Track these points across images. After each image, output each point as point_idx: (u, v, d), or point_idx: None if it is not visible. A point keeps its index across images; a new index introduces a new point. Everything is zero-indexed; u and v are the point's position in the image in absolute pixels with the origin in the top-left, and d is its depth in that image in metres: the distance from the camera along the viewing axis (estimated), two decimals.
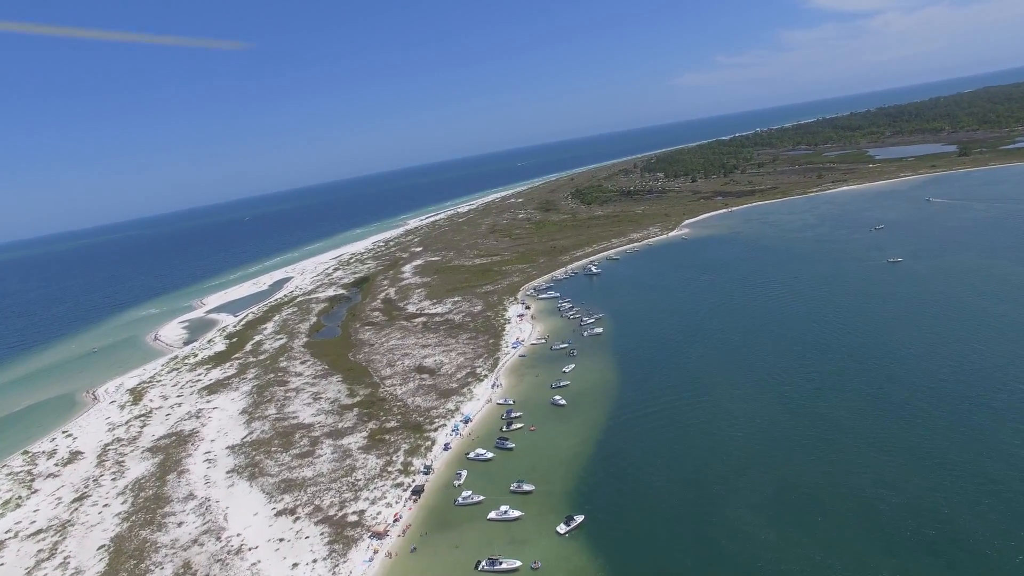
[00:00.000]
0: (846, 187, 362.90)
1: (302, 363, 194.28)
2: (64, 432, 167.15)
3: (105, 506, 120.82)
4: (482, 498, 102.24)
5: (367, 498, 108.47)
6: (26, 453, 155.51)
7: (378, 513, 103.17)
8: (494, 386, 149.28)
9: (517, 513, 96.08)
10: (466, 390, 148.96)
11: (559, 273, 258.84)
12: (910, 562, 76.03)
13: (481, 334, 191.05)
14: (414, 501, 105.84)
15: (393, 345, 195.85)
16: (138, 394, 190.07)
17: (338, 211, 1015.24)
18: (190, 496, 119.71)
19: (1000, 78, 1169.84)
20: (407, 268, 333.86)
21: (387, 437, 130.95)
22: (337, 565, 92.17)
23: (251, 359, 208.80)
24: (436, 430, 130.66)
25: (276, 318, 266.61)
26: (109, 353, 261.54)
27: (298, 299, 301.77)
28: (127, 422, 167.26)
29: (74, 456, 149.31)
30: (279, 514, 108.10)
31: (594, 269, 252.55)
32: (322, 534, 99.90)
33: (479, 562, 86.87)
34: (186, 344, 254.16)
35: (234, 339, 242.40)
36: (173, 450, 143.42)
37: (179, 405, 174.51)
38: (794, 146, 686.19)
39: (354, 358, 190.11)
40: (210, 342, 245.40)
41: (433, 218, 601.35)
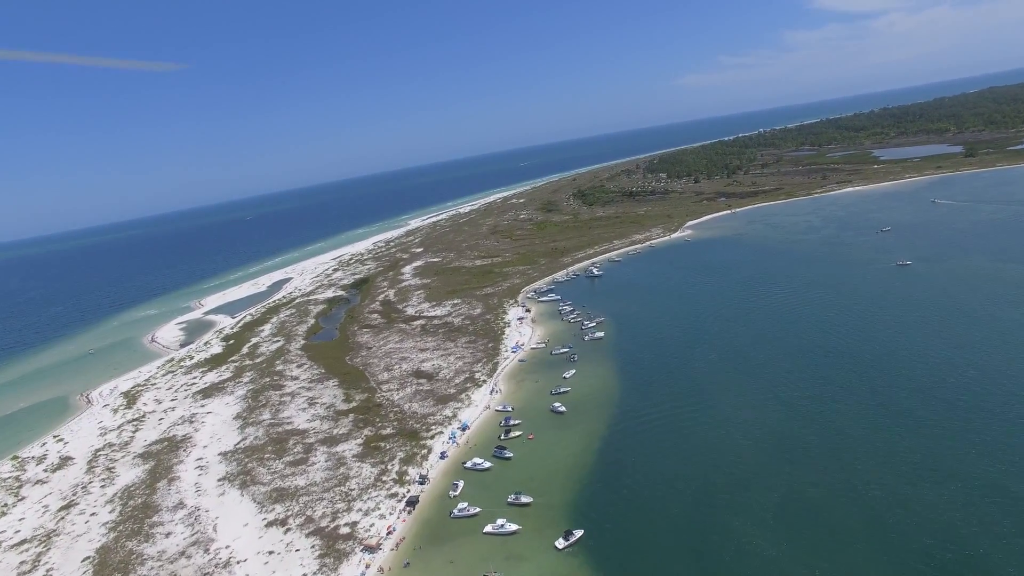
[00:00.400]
0: (851, 188, 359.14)
1: (298, 366, 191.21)
2: (55, 436, 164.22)
3: (92, 515, 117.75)
4: (478, 510, 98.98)
5: (360, 509, 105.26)
6: (16, 458, 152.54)
7: (371, 525, 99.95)
8: (493, 392, 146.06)
9: (514, 527, 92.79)
10: (464, 396, 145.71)
11: (560, 275, 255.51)
12: None
13: (480, 338, 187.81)
14: (408, 513, 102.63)
15: (391, 348, 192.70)
16: (132, 397, 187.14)
17: (339, 211, 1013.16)
18: (180, 505, 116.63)
19: (1005, 78, 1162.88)
20: (407, 269, 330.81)
21: (382, 444, 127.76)
22: None
23: (247, 362, 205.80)
24: (433, 438, 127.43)
25: (274, 320, 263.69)
26: (105, 355, 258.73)
27: (297, 300, 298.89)
28: (120, 426, 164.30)
29: (64, 462, 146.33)
30: (270, 525, 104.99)
31: (596, 271, 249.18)
32: (313, 547, 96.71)
33: None
34: (183, 346, 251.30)
35: (231, 341, 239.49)
36: (165, 456, 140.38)
37: (173, 409, 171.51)
38: (798, 147, 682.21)
39: (351, 362, 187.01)
40: (207, 344, 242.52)
41: (434, 218, 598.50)
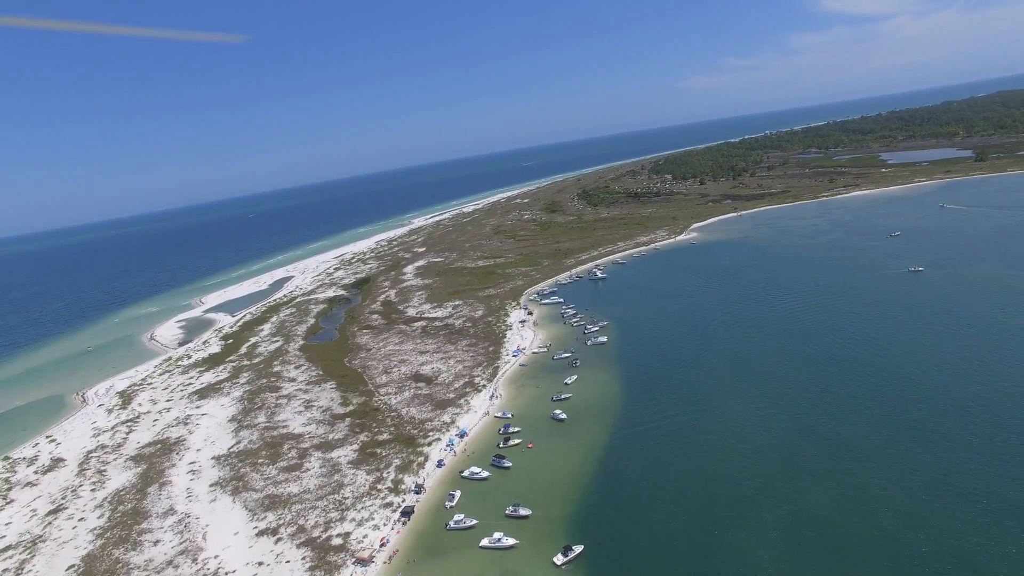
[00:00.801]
0: (858, 192, 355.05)
1: (296, 368, 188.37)
2: (48, 437, 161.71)
3: (80, 520, 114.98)
4: (475, 522, 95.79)
5: (353, 519, 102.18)
6: (7, 459, 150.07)
7: (364, 536, 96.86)
8: (492, 397, 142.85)
9: (512, 541, 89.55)
10: (463, 401, 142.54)
11: (563, 277, 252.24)
12: None
13: (481, 341, 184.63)
14: (403, 524, 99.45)
15: (390, 351, 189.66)
16: (127, 397, 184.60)
17: (343, 209, 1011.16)
18: (170, 511, 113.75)
19: (1014, 83, 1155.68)
20: (409, 269, 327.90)
21: (378, 451, 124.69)
22: None
23: (245, 362, 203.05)
24: (430, 444, 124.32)
25: (274, 319, 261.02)
26: (103, 353, 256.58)
27: (297, 299, 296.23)
28: (113, 427, 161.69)
29: (55, 463, 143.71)
30: (261, 534, 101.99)
31: (599, 274, 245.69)
32: (304, 558, 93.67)
33: None
34: (181, 345, 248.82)
35: (229, 340, 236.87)
36: (157, 459, 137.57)
37: (168, 410, 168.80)
38: (804, 149, 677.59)
39: (350, 364, 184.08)
40: (205, 343, 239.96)
41: (438, 218, 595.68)
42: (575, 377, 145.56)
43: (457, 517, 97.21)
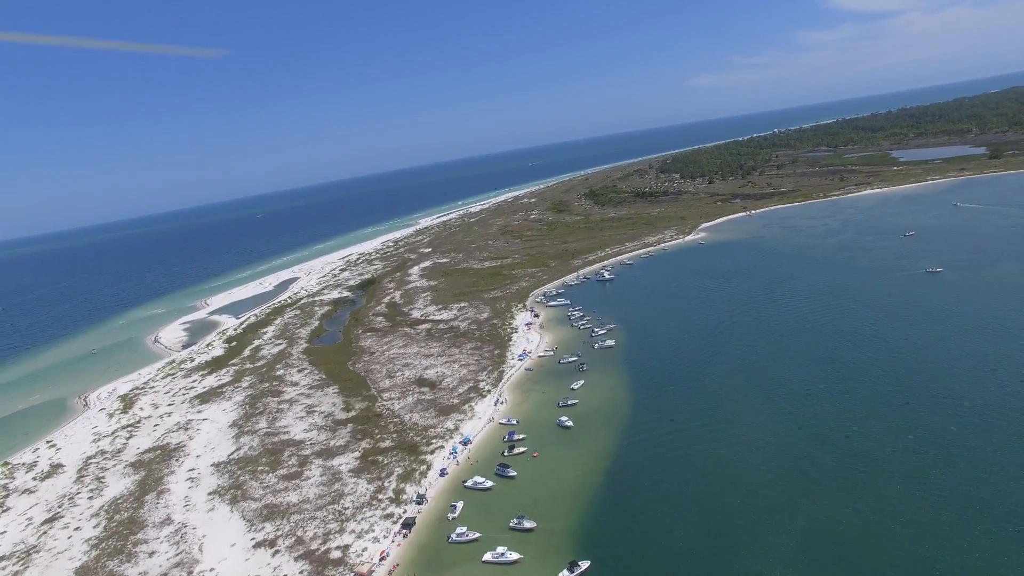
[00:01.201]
0: (870, 190, 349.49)
1: (299, 371, 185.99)
2: (48, 442, 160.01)
3: (76, 529, 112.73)
4: (478, 535, 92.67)
5: (353, 530, 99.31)
6: (6, 464, 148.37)
7: (364, 549, 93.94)
8: (497, 403, 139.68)
9: (515, 556, 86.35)
10: (467, 407, 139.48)
11: (570, 278, 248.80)
12: None
13: (486, 344, 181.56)
14: (404, 536, 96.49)
15: (394, 354, 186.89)
16: (129, 401, 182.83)
17: (349, 209, 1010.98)
18: (167, 521, 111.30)
19: None
20: (414, 270, 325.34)
21: (380, 459, 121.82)
22: None
23: (248, 365, 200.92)
24: (433, 452, 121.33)
25: (278, 321, 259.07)
26: (108, 355, 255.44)
27: (302, 301, 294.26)
28: (113, 432, 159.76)
29: (54, 469, 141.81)
30: (258, 545, 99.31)
31: (607, 275, 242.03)
32: (301, 572, 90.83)
33: None
34: (185, 347, 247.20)
35: (233, 343, 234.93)
36: (156, 466, 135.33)
37: (169, 415, 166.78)
38: (813, 147, 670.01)
39: (353, 367, 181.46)
40: (209, 346, 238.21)
41: (444, 218, 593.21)
42: (582, 382, 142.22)
43: (459, 530, 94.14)
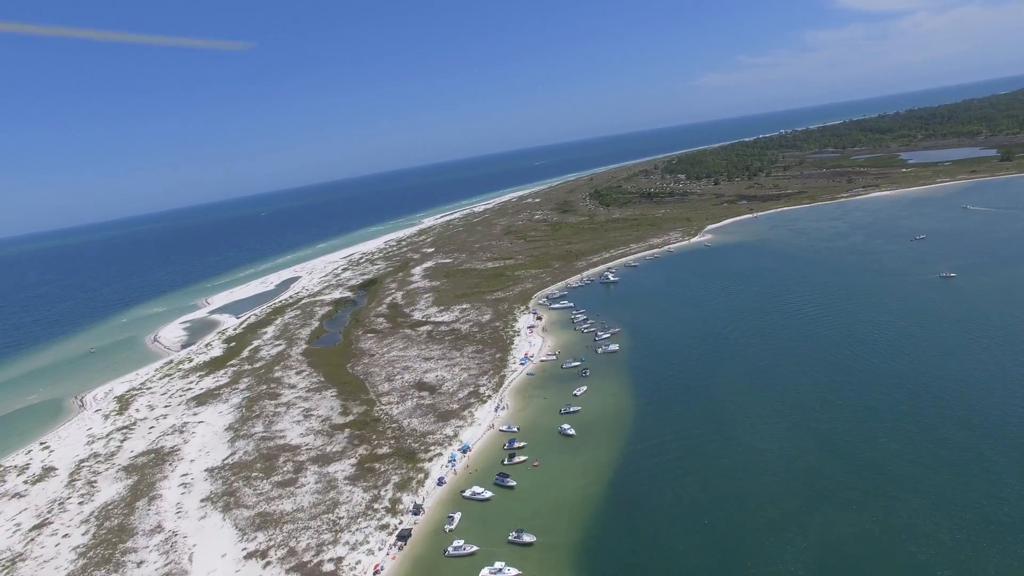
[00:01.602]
0: (878, 193, 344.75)
1: (298, 373, 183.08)
2: (42, 444, 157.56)
3: (65, 536, 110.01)
4: (476, 548, 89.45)
5: (347, 542, 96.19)
6: None
7: (357, 562, 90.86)
8: (498, 409, 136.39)
9: (514, 572, 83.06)
10: (467, 413, 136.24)
11: (574, 280, 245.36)
12: None
13: (488, 347, 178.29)
14: (399, 548, 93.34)
15: (394, 356, 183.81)
16: (125, 402, 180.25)
17: (353, 208, 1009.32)
18: (157, 528, 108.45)
19: None
20: (417, 270, 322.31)
21: (377, 466, 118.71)
22: None
23: (246, 367, 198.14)
24: (431, 460, 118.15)
25: (278, 321, 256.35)
26: (106, 354, 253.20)
27: (303, 301, 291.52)
28: (108, 434, 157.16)
29: (46, 473, 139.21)
30: (249, 556, 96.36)
31: (611, 277, 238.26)
32: None
33: None
34: (184, 347, 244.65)
35: (232, 343, 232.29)
36: (149, 470, 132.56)
37: (164, 417, 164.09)
38: (820, 148, 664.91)
39: (352, 370, 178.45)
40: (208, 346, 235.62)
41: (448, 217, 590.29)
42: (584, 388, 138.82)
43: (456, 543, 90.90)
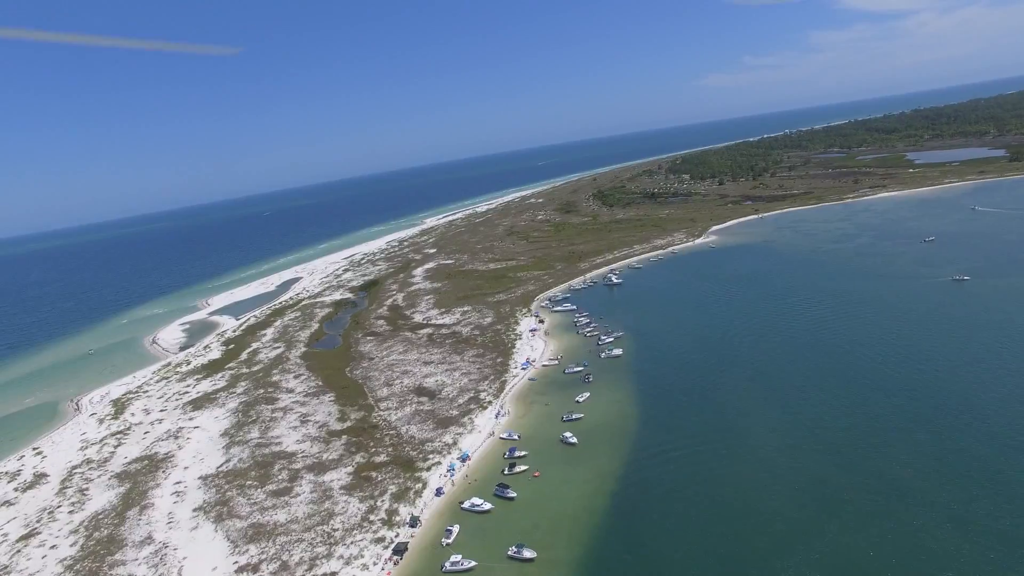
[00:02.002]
0: (885, 193, 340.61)
1: (296, 377, 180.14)
2: (35, 449, 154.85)
3: (52, 548, 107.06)
4: (473, 564, 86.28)
5: (341, 555, 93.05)
6: None
7: None
8: (499, 415, 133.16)
9: None
10: (467, 420, 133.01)
11: (577, 282, 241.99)
12: None
13: (489, 351, 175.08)
14: (394, 563, 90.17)
15: (394, 360, 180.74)
16: (121, 406, 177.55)
17: (356, 208, 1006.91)
18: (147, 540, 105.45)
19: None
20: (418, 272, 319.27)
21: (374, 475, 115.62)
22: None
23: (244, 370, 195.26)
24: (429, 469, 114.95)
25: (278, 323, 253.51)
26: (104, 356, 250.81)
27: (303, 302, 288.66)
28: (102, 439, 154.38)
29: (38, 479, 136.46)
30: (241, 570, 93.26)
31: (615, 279, 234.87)
32: None
33: None
34: (182, 349, 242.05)
35: (231, 346, 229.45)
36: (142, 478, 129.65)
37: (160, 422, 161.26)
38: (826, 148, 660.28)
39: (351, 374, 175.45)
40: (206, 348, 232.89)
41: (450, 217, 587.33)
42: (587, 394, 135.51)
43: (454, 558, 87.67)
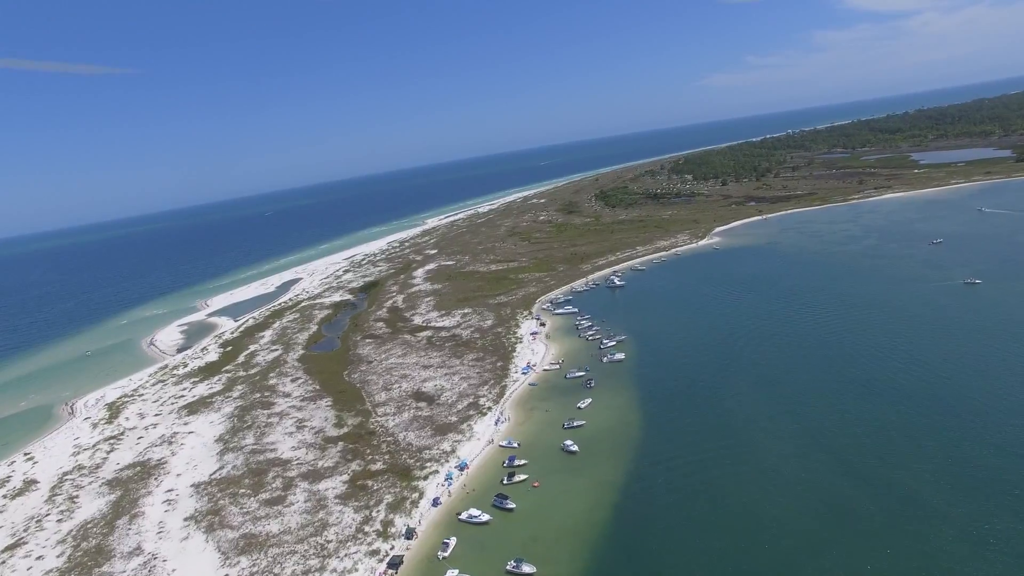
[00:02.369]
0: (890, 194, 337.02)
1: (293, 380, 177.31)
2: (26, 454, 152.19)
3: (38, 559, 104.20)
4: None
5: (335, 569, 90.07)
6: None
7: None
8: (498, 422, 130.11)
9: None
10: (466, 426, 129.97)
11: (579, 284, 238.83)
12: None
13: (489, 355, 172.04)
14: None
15: (392, 364, 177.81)
16: (115, 410, 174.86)
17: (357, 208, 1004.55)
18: (136, 551, 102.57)
19: None
20: (419, 273, 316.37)
21: (370, 483, 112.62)
22: None
23: (241, 373, 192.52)
24: (426, 477, 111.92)
25: (276, 325, 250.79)
26: (101, 358, 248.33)
27: (303, 304, 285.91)
28: (95, 445, 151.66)
29: (28, 486, 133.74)
30: None
31: (617, 281, 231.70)
32: None
33: None
34: (180, 351, 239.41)
35: (228, 348, 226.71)
36: (134, 485, 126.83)
37: (154, 426, 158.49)
38: (829, 149, 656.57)
39: (349, 378, 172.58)
40: (203, 350, 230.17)
41: (452, 218, 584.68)
42: (589, 400, 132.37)
43: (450, 573, 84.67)
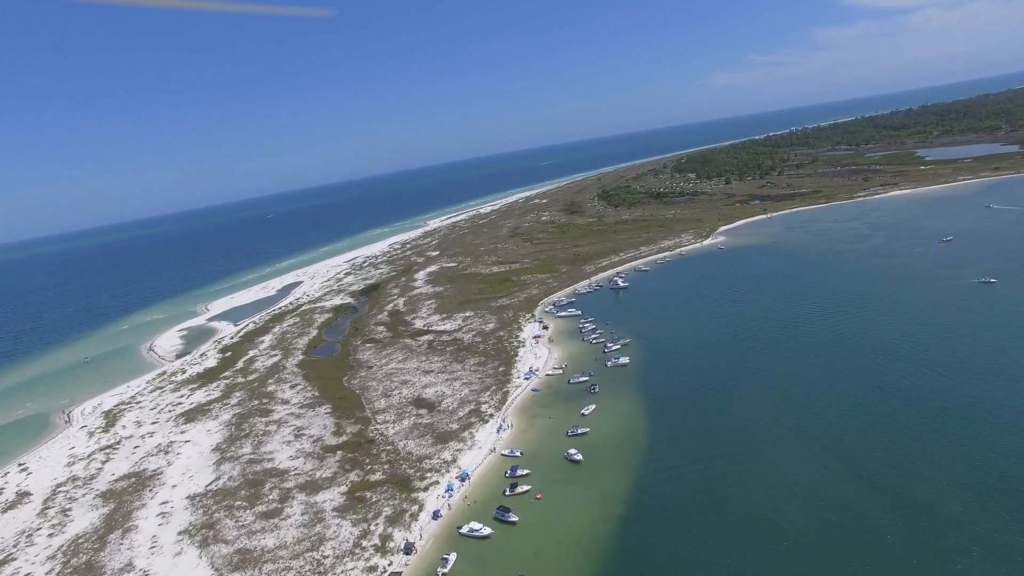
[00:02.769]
0: (897, 191, 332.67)
1: (292, 387, 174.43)
2: (20, 465, 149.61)
3: None
4: None
5: None
6: None
7: None
8: (500, 430, 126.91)
9: None
10: (467, 434, 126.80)
11: (582, 286, 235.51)
12: None
13: (491, 359, 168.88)
14: None
15: (393, 369, 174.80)
16: (112, 418, 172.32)
17: (359, 209, 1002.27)
18: (128, 567, 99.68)
19: None
20: (420, 275, 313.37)
21: (368, 495, 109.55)
22: None
23: (239, 379, 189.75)
24: (426, 489, 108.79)
25: (276, 329, 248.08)
26: (100, 364, 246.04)
27: (303, 307, 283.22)
28: (90, 454, 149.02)
29: (20, 498, 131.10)
30: None
31: (620, 282, 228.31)
32: None
33: None
34: (179, 357, 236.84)
35: (228, 353, 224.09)
36: (128, 497, 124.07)
37: (151, 435, 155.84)
38: (833, 146, 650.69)
39: (348, 384, 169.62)
40: (202, 356, 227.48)
41: (454, 219, 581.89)
42: (593, 407, 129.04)
43: None
